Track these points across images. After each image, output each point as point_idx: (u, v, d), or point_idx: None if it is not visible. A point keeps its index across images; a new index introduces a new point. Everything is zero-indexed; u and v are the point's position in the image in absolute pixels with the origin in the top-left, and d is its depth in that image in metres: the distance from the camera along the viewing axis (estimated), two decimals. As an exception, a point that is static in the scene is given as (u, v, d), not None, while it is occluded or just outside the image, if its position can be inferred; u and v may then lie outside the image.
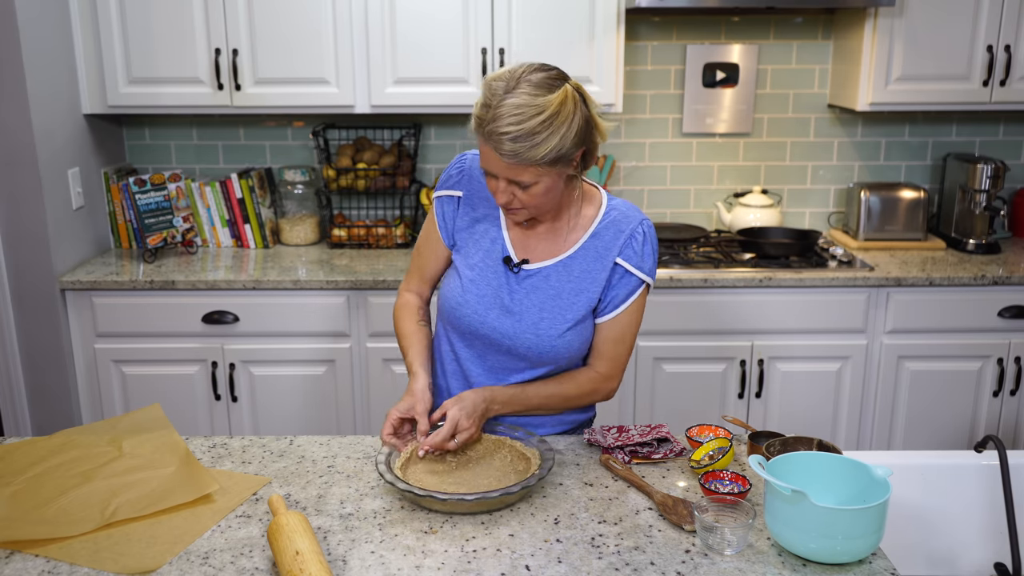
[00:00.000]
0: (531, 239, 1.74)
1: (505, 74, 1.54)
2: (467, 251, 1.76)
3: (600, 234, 1.71)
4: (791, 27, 3.41)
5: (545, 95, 1.51)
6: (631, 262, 1.69)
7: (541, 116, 1.49)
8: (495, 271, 1.73)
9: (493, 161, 1.56)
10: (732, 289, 2.98)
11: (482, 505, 1.49)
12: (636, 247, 1.69)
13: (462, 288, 1.74)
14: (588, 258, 1.70)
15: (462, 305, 1.73)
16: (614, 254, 1.70)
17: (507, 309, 1.71)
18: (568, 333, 1.70)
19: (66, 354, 2.99)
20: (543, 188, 1.58)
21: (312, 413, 3.06)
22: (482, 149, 1.57)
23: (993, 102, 3.14)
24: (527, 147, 1.50)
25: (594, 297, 1.70)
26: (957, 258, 3.19)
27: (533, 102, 1.50)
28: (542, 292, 1.71)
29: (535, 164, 1.53)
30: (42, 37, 2.87)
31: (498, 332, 1.72)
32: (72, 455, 1.69)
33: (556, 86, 1.53)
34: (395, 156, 3.35)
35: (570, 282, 1.70)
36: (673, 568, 1.36)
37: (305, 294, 2.96)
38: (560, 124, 1.51)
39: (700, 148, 3.52)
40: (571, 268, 1.71)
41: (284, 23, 3.02)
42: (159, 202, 3.24)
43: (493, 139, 1.51)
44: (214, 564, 1.38)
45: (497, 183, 1.59)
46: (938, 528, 1.86)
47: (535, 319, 1.70)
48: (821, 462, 1.48)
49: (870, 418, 3.10)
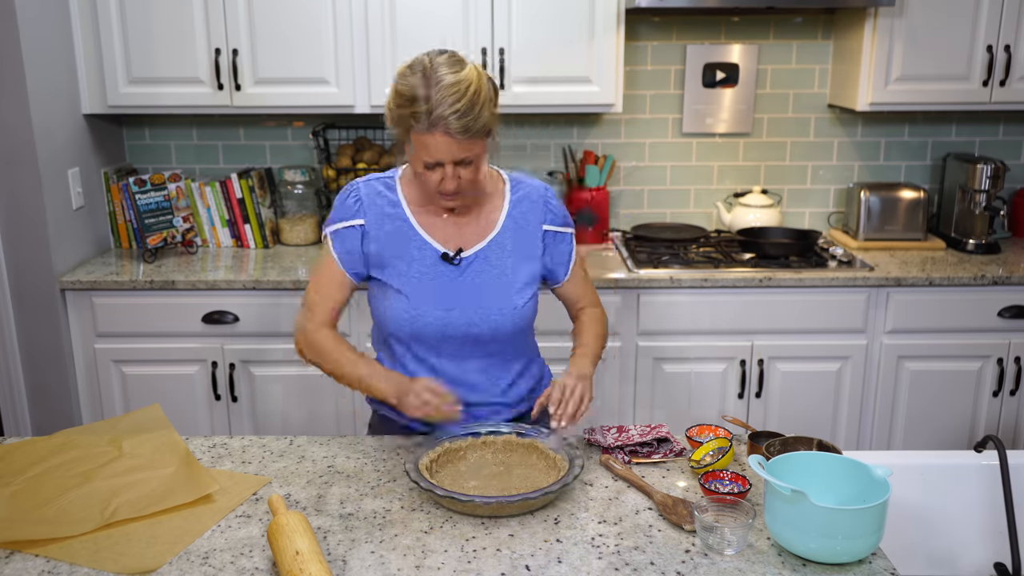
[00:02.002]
0: (454, 229, 1.78)
1: (414, 68, 1.62)
2: (394, 268, 1.76)
3: (517, 205, 1.81)
4: (791, 27, 3.41)
5: (464, 70, 1.61)
6: (556, 224, 1.84)
7: (472, 88, 1.59)
8: (433, 273, 1.75)
9: (443, 147, 1.60)
10: (732, 289, 2.98)
11: (525, 506, 1.50)
12: (554, 209, 1.83)
13: (409, 301, 1.75)
14: (514, 231, 1.80)
15: (419, 316, 1.74)
16: (538, 223, 1.81)
17: (464, 301, 1.75)
18: (528, 303, 1.79)
19: (66, 354, 2.99)
20: (482, 161, 1.69)
21: (312, 413, 3.06)
22: (426, 140, 1.60)
23: (993, 102, 3.14)
24: (473, 119, 1.59)
25: (535, 266, 1.81)
26: (957, 258, 3.19)
27: (460, 78, 1.59)
28: (487, 273, 1.77)
29: (480, 135, 1.61)
30: (42, 37, 2.87)
31: (464, 325, 1.75)
32: (72, 455, 1.69)
33: (464, 62, 1.63)
34: (395, 156, 3.35)
35: (507, 256, 1.79)
36: (673, 568, 1.36)
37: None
38: (486, 92, 1.62)
39: (700, 148, 3.52)
40: (503, 243, 1.79)
41: (284, 23, 3.02)
42: (159, 202, 3.24)
43: (442, 122, 1.57)
44: (214, 564, 1.38)
45: (444, 171, 1.64)
46: (938, 528, 1.86)
47: (493, 298, 1.76)
48: (821, 462, 1.48)
49: (870, 418, 3.10)
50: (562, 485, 1.51)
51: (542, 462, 1.66)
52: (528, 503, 1.49)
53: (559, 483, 1.52)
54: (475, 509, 1.49)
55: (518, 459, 1.68)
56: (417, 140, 1.62)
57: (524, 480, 1.62)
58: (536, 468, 1.65)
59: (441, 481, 1.59)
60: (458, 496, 1.47)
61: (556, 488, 1.51)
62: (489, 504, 1.47)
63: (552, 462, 1.64)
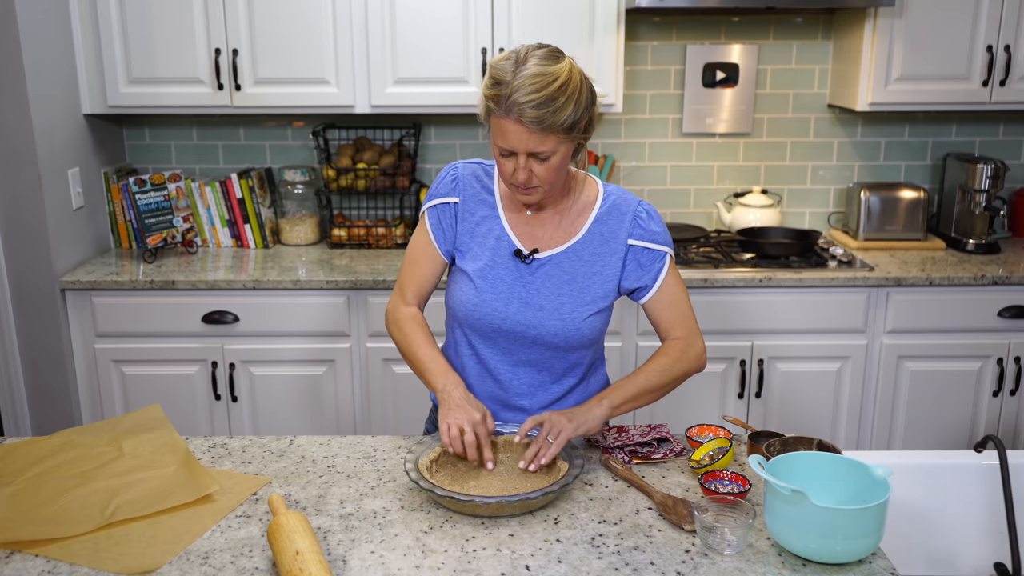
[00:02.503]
0: (535, 229, 1.76)
1: (511, 55, 1.61)
2: (472, 254, 1.77)
3: (603, 219, 1.76)
4: (791, 27, 3.41)
5: (555, 65, 1.58)
6: (644, 239, 1.75)
7: (557, 82, 1.55)
8: (506, 267, 1.75)
9: (515, 135, 1.58)
10: (732, 289, 2.98)
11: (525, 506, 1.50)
12: (643, 225, 1.75)
13: (476, 289, 1.75)
14: (595, 242, 1.75)
15: (480, 305, 1.74)
16: (623, 237, 1.75)
17: (526, 300, 1.73)
18: (592, 317, 1.74)
19: (66, 354, 2.99)
20: (559, 159, 1.63)
21: (312, 413, 3.06)
22: (502, 126, 1.59)
23: (993, 102, 3.14)
24: (550, 112, 1.55)
25: (609, 281, 1.74)
26: (957, 258, 3.19)
27: (547, 70, 1.56)
28: (557, 278, 1.74)
29: (556, 131, 1.57)
30: (42, 37, 2.87)
31: (522, 324, 1.73)
32: (72, 455, 1.69)
33: (560, 58, 1.61)
34: (395, 156, 3.35)
35: (582, 266, 1.74)
36: (673, 568, 1.36)
37: (305, 294, 2.96)
38: (573, 90, 1.58)
39: (700, 148, 3.52)
40: (581, 253, 1.75)
41: (284, 23, 3.02)
42: (159, 202, 3.24)
43: (516, 109, 1.55)
44: (214, 564, 1.38)
45: (516, 161, 1.62)
46: (938, 528, 1.86)
47: (556, 305, 1.73)
48: (821, 462, 1.48)
49: (870, 418, 3.10)
50: (562, 485, 1.51)
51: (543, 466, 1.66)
52: (528, 503, 1.49)
53: (559, 483, 1.52)
54: (475, 509, 1.49)
55: (518, 459, 1.67)
56: (495, 123, 1.61)
57: (524, 480, 1.62)
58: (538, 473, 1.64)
59: (441, 480, 1.59)
60: (458, 496, 1.47)
61: (556, 488, 1.51)
62: (489, 504, 1.47)
63: (552, 462, 1.64)
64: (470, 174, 1.80)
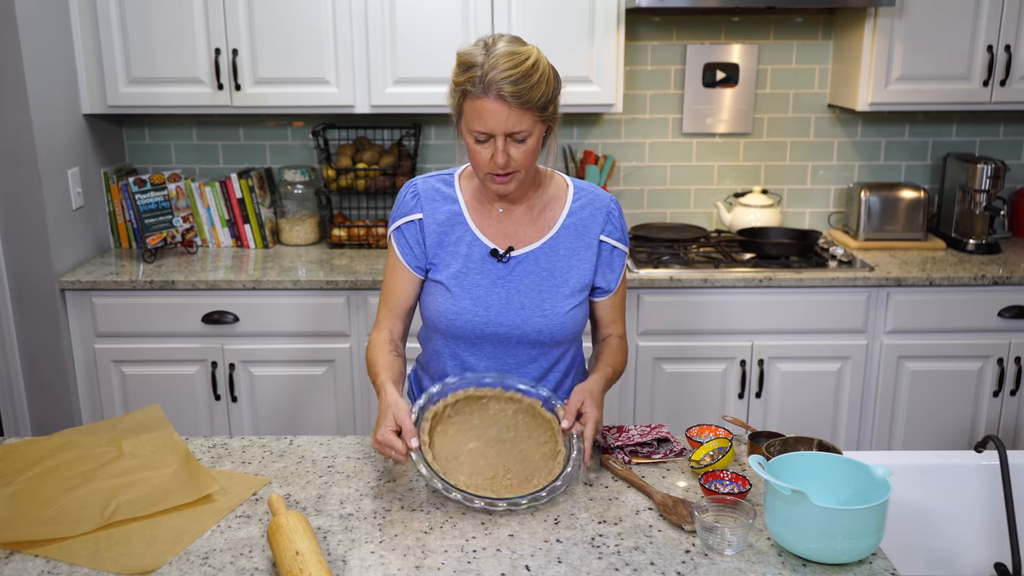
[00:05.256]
0: (508, 227, 1.77)
1: (477, 42, 1.66)
2: (444, 264, 1.76)
3: (577, 212, 1.79)
4: (791, 27, 3.41)
5: (524, 46, 1.63)
6: (614, 237, 1.80)
7: (530, 60, 1.60)
8: (481, 270, 1.75)
9: (493, 115, 1.59)
10: (732, 289, 2.98)
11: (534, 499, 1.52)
12: (615, 223, 1.80)
13: (452, 296, 1.74)
14: (570, 236, 1.78)
15: (460, 312, 1.74)
16: (596, 232, 1.78)
17: (506, 300, 1.73)
18: (574, 310, 1.76)
19: (66, 354, 2.99)
20: (534, 141, 1.66)
21: (312, 413, 3.06)
22: (479, 107, 1.60)
23: (993, 102, 3.14)
24: (527, 88, 1.58)
25: (585, 274, 1.77)
26: (957, 258, 3.19)
27: (518, 49, 1.61)
28: (535, 275, 1.75)
29: (532, 108, 1.60)
30: (42, 37, 2.87)
31: (505, 326, 1.73)
32: (72, 455, 1.69)
33: (526, 43, 1.66)
34: (395, 156, 3.35)
35: (559, 260, 1.76)
36: (673, 568, 1.36)
37: (305, 294, 2.96)
38: (544, 69, 1.63)
39: (700, 148, 3.52)
40: (557, 248, 1.77)
41: (284, 23, 3.02)
42: (159, 202, 3.24)
43: (494, 87, 1.57)
44: (214, 564, 1.38)
45: (494, 144, 1.63)
46: (938, 528, 1.86)
47: (537, 301, 1.73)
48: (821, 462, 1.48)
49: (870, 418, 3.10)
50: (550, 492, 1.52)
51: (547, 447, 1.64)
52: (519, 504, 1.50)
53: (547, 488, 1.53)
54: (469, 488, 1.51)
55: (529, 431, 1.66)
56: (470, 107, 1.61)
57: (521, 460, 1.61)
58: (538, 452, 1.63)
59: (444, 432, 1.60)
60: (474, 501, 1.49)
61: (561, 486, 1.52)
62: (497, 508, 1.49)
63: (556, 448, 1.63)
64: (429, 188, 1.80)
